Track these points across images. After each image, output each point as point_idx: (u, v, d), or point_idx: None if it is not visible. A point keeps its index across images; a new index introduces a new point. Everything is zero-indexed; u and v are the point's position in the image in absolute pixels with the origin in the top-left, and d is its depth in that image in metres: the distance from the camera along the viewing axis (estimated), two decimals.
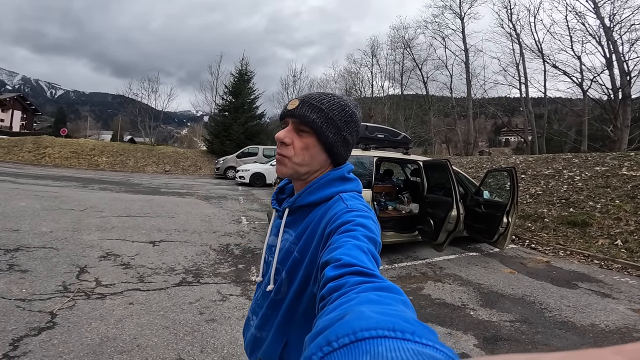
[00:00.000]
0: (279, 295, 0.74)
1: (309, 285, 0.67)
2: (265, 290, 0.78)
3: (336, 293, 0.45)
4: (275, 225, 0.86)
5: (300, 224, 0.76)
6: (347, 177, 0.79)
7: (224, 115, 23.03)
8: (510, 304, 3.59)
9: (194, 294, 3.12)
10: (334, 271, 0.49)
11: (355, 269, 0.49)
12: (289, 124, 0.76)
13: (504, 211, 4.72)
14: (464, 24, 23.01)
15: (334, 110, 0.75)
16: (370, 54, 29.67)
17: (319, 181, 0.76)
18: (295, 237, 0.75)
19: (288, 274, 0.73)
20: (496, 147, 61.59)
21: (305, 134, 0.74)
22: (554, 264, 5.21)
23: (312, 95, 0.77)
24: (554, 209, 7.55)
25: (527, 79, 19.71)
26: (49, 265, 3.49)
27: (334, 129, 0.75)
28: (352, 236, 0.58)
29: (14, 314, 2.47)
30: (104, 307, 2.71)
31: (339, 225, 0.62)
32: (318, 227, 0.70)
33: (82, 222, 5.31)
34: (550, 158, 10.77)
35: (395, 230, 5.12)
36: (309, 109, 0.73)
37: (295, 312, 0.70)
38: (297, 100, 0.76)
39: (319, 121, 0.73)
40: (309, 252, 0.69)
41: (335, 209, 0.69)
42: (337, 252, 0.54)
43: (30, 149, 18.08)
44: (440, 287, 3.96)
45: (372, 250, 0.56)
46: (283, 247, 0.78)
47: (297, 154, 0.74)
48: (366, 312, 0.35)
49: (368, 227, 0.62)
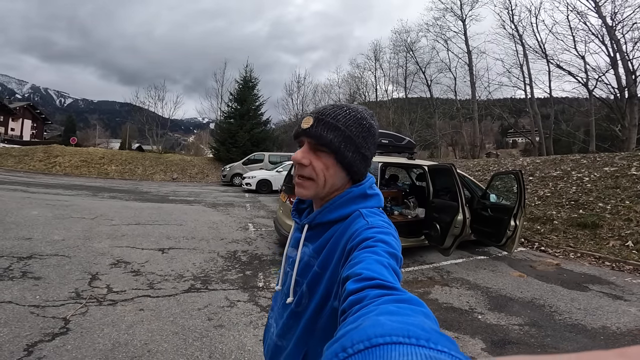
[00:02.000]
0: (299, 307, 0.74)
1: (329, 300, 0.67)
2: (285, 302, 0.78)
3: (357, 306, 0.45)
4: (294, 238, 0.86)
5: (320, 238, 0.75)
6: (368, 194, 0.77)
7: (229, 122, 23.20)
8: (519, 307, 3.56)
9: (202, 300, 3.16)
10: (354, 285, 0.50)
11: (376, 282, 0.49)
12: (305, 143, 0.74)
13: (512, 214, 4.72)
14: (465, 26, 23.04)
15: (351, 127, 0.72)
16: (374, 58, 29.91)
17: (339, 199, 0.75)
18: (314, 251, 0.75)
19: (309, 287, 0.72)
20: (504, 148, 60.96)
21: (323, 153, 0.72)
22: (564, 267, 5.15)
23: (327, 110, 0.74)
24: (563, 210, 7.47)
25: (532, 79, 19.63)
26: (61, 272, 3.56)
27: (353, 146, 0.72)
28: (372, 252, 0.58)
29: (28, 320, 2.54)
30: (116, 313, 2.76)
31: (359, 242, 0.62)
32: (339, 243, 0.69)
33: (93, 230, 5.41)
34: (559, 159, 10.67)
35: (402, 235, 5.10)
36: (325, 128, 0.71)
37: (316, 324, 0.70)
38: (311, 117, 0.73)
39: (336, 141, 0.70)
40: (330, 267, 0.69)
41: (355, 226, 0.68)
42: (358, 267, 0.54)
43: (41, 158, 18.46)
44: (447, 291, 3.94)
45: (392, 265, 0.56)
46: (302, 260, 0.77)
47: (318, 175, 0.72)
48: (382, 320, 0.36)
49: (389, 243, 0.61)
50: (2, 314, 2.60)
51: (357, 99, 31.05)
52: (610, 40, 14.90)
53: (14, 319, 2.53)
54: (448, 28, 24.07)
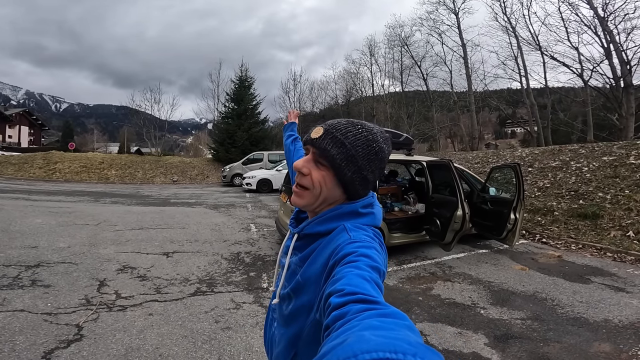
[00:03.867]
0: (285, 311, 0.76)
1: (312, 312, 0.68)
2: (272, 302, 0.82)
3: (340, 321, 0.45)
4: (286, 245, 0.88)
5: (306, 249, 0.77)
6: (360, 212, 0.76)
7: (227, 122, 23.22)
8: (521, 301, 3.59)
9: (208, 303, 3.22)
10: (337, 300, 0.50)
11: (358, 297, 0.49)
12: (310, 152, 0.75)
13: (511, 207, 4.71)
14: (459, 19, 22.95)
15: (358, 147, 0.71)
16: (369, 53, 29.78)
17: (329, 212, 0.75)
18: (300, 260, 0.76)
19: (293, 293, 0.74)
20: (502, 139, 60.97)
21: (323, 167, 0.73)
22: (566, 259, 5.17)
23: (339, 125, 0.74)
24: (563, 201, 7.45)
25: (527, 71, 19.58)
26: (70, 279, 3.63)
27: (354, 167, 0.71)
28: (355, 266, 0.58)
29: (42, 328, 2.60)
30: (126, 318, 2.83)
31: (342, 257, 0.62)
32: (321, 256, 0.70)
33: (98, 237, 5.47)
34: (557, 150, 10.70)
35: (403, 232, 5.12)
36: (331, 142, 0.71)
37: (301, 336, 0.71)
38: (322, 128, 0.74)
39: (338, 158, 0.71)
40: (312, 279, 0.69)
41: (338, 240, 0.68)
42: (340, 282, 0.54)
43: (41, 165, 18.48)
44: (449, 286, 3.97)
45: (375, 279, 0.56)
46: (290, 267, 0.80)
47: (315, 186, 0.73)
48: (367, 335, 0.36)
49: (371, 257, 0.61)
50: (17, 322, 2.66)
51: (353, 95, 31.04)
52: (603, 31, 14.87)
53: (28, 327, 2.60)
54: (442, 22, 23.99)
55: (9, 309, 2.87)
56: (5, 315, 2.76)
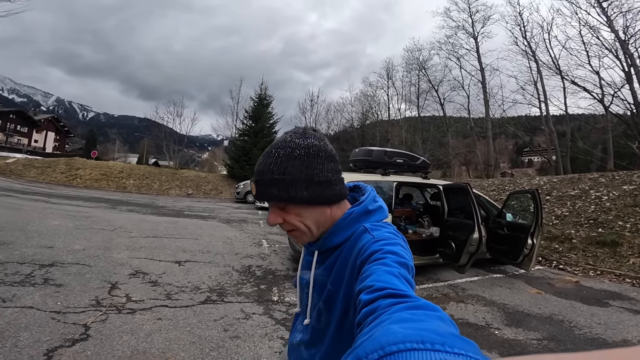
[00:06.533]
0: (321, 324, 0.74)
1: (348, 316, 0.67)
2: (304, 324, 0.80)
3: (371, 317, 0.45)
4: (306, 260, 0.86)
5: (329, 257, 0.76)
6: (370, 209, 0.76)
7: (244, 139, 23.65)
8: (537, 322, 3.54)
9: (218, 312, 3.20)
10: (366, 296, 0.50)
11: (388, 292, 0.49)
12: (270, 205, 0.75)
13: (529, 233, 4.71)
14: (477, 44, 23.02)
15: (288, 168, 0.68)
16: (386, 76, 30.08)
17: (342, 221, 0.74)
18: (326, 270, 0.75)
19: (325, 305, 0.72)
20: (519, 167, 59.72)
21: (285, 206, 0.72)
22: (583, 284, 5.12)
23: (260, 167, 0.71)
24: (582, 229, 7.39)
25: (547, 96, 19.26)
26: (82, 280, 3.67)
27: (302, 184, 0.68)
28: (382, 263, 0.58)
29: (48, 325, 2.61)
30: (134, 321, 2.82)
31: (368, 256, 0.62)
32: (348, 260, 0.69)
33: (113, 242, 5.55)
34: (576, 178, 10.49)
35: (416, 253, 5.07)
36: (265, 188, 0.69)
37: (340, 343, 0.69)
38: (253, 183, 0.73)
39: (282, 193, 0.68)
40: (343, 284, 0.69)
41: (362, 241, 0.68)
42: (369, 279, 0.54)
43: (63, 170, 19.12)
44: (462, 307, 3.91)
45: (403, 274, 0.55)
46: (316, 281, 0.78)
47: (297, 226, 0.72)
48: (394, 328, 0.36)
49: (397, 253, 0.61)
50: (24, 318, 2.68)
51: (369, 118, 31.22)
52: (624, 54, 14.73)
53: (34, 324, 2.61)
54: (460, 46, 24.10)
55: (17, 305, 2.89)
56: (13, 311, 2.78)
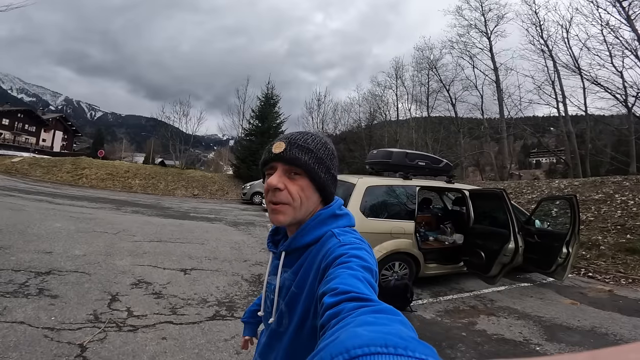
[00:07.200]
0: (281, 328, 0.74)
1: (308, 319, 0.67)
2: (268, 323, 0.78)
3: (334, 320, 0.45)
4: (273, 266, 0.85)
5: (296, 261, 0.76)
6: (337, 214, 0.78)
7: (250, 139, 23.31)
8: (579, 337, 3.32)
9: (229, 330, 2.87)
10: (330, 299, 0.50)
11: (352, 295, 0.49)
12: (277, 168, 0.74)
13: (564, 241, 4.43)
14: (491, 43, 22.12)
15: (321, 149, 0.75)
16: (395, 76, 29.12)
17: (311, 222, 0.75)
18: (292, 273, 0.75)
19: (287, 307, 0.72)
20: (526, 169, 58.82)
21: (298, 176, 0.73)
22: (617, 293, 4.90)
23: (296, 135, 0.76)
24: (609, 235, 7.17)
25: (565, 96, 18.40)
26: (80, 291, 3.37)
27: (324, 167, 0.75)
28: (347, 267, 0.58)
29: (40, 345, 2.32)
30: (136, 341, 2.50)
31: (333, 259, 0.62)
32: (313, 263, 0.70)
33: (115, 246, 5.26)
34: (599, 181, 10.08)
35: (439, 262, 4.77)
36: (299, 151, 0.72)
37: (299, 344, 0.69)
38: (283, 142, 0.74)
39: (311, 162, 0.73)
40: (306, 286, 0.69)
41: (328, 245, 0.69)
42: (333, 282, 0.54)
43: (69, 169, 18.96)
44: (495, 321, 3.66)
45: (367, 278, 0.56)
46: (283, 285, 0.77)
47: (294, 198, 0.72)
48: (359, 331, 0.36)
49: (362, 258, 0.62)
50: (13, 335, 2.39)
51: (377, 118, 30.67)
52: None
53: (25, 342, 2.32)
54: (473, 45, 23.16)
55: (7, 320, 2.60)
56: (2, 326, 2.49)
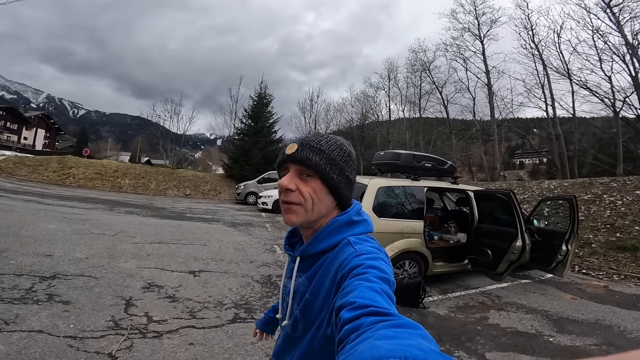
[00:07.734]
0: (296, 333, 0.74)
1: (322, 327, 0.66)
2: (283, 326, 0.79)
3: (354, 334, 0.45)
4: (289, 269, 0.86)
5: (311, 268, 0.75)
6: (354, 220, 0.76)
7: (243, 139, 23.03)
8: (587, 328, 3.52)
9: (252, 333, 2.85)
10: (349, 314, 0.49)
11: (371, 310, 0.48)
12: (290, 169, 0.74)
13: (563, 239, 4.68)
14: (484, 46, 22.50)
15: (334, 151, 0.75)
16: (387, 77, 29.29)
17: (327, 229, 0.75)
18: (306, 279, 0.75)
19: (302, 313, 0.72)
20: (511, 169, 60.14)
21: (310, 177, 0.73)
22: (612, 288, 5.17)
23: (309, 137, 0.76)
24: (600, 234, 7.50)
25: (554, 99, 18.93)
26: (91, 296, 3.30)
27: (337, 169, 0.74)
28: (364, 279, 0.57)
29: (67, 356, 2.24)
30: (164, 348, 2.47)
31: (350, 270, 0.61)
32: (329, 271, 0.69)
33: (116, 248, 5.16)
34: (587, 182, 10.42)
35: (445, 260, 4.93)
36: (310, 152, 0.72)
37: (312, 352, 0.69)
38: (296, 144, 0.75)
39: (322, 163, 0.72)
40: (320, 294, 0.69)
41: (344, 254, 0.67)
42: (351, 295, 0.53)
43: (56, 168, 18.37)
44: (505, 315, 3.84)
45: (385, 290, 0.56)
46: (297, 290, 0.77)
47: (306, 199, 0.72)
48: (379, 343, 0.37)
49: (379, 268, 0.61)
50: (35, 346, 2.29)
51: (369, 119, 30.79)
52: (631, 59, 14.67)
53: (50, 353, 2.23)
54: (466, 47, 23.50)
55: (24, 329, 2.48)
56: (21, 336, 2.37)
